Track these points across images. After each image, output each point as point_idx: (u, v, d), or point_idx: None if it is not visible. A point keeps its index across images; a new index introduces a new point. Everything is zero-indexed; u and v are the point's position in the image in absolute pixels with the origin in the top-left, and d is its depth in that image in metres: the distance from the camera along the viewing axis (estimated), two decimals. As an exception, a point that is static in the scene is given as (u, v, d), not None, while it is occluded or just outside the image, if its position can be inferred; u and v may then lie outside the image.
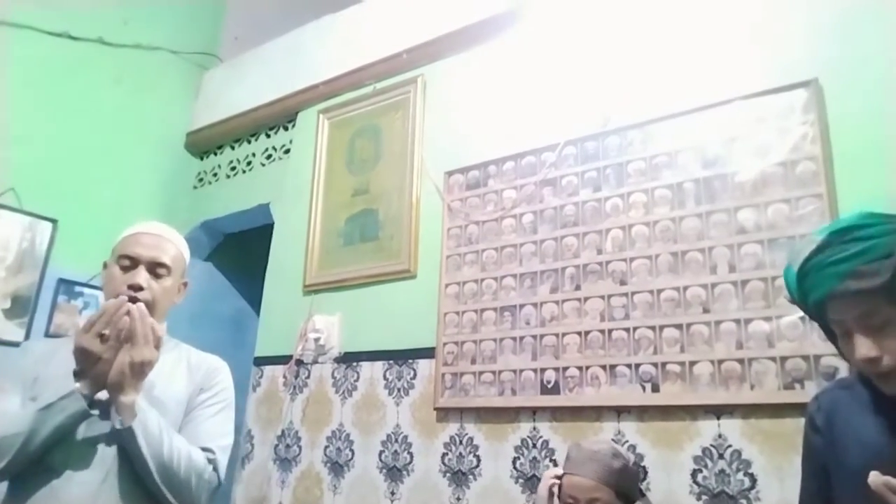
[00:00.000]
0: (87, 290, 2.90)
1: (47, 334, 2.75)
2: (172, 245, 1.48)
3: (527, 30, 2.40)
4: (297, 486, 2.45)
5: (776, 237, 1.72)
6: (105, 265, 1.47)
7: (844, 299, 0.97)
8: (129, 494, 1.27)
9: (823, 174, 1.68)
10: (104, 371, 1.24)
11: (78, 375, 1.25)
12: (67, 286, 2.86)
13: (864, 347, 0.96)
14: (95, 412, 1.26)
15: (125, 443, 1.26)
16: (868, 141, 1.66)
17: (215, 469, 1.36)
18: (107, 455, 1.27)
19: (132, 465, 1.27)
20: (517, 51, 2.40)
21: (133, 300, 1.33)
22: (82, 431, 1.27)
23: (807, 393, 1.52)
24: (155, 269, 1.42)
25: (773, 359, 1.65)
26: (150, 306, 1.37)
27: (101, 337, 1.25)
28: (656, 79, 2.05)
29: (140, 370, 1.27)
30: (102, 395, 1.27)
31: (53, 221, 2.85)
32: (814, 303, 1.02)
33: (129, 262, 1.41)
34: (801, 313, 1.58)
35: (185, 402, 1.41)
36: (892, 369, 0.95)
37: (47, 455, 1.24)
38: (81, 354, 1.25)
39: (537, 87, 2.31)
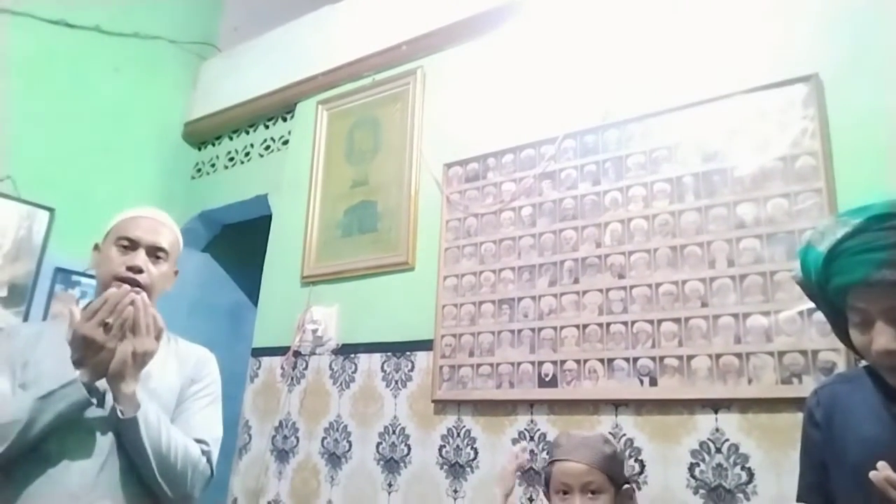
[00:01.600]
0: (83, 280, 2.89)
1: (44, 323, 2.75)
2: (170, 231, 1.48)
3: (527, 22, 2.38)
4: (294, 477, 2.46)
5: (775, 232, 1.71)
6: (96, 247, 1.45)
7: (877, 288, 0.94)
8: (126, 483, 1.27)
9: (823, 169, 1.68)
10: (105, 360, 1.23)
11: (78, 364, 1.24)
12: (64, 275, 2.86)
13: (887, 338, 0.94)
14: (94, 401, 1.25)
15: (126, 433, 1.25)
16: (867, 136, 1.66)
17: (209, 461, 1.37)
18: (104, 444, 1.27)
19: (128, 454, 1.27)
20: (517, 43, 2.39)
21: (131, 283, 1.33)
22: (79, 420, 1.26)
23: (804, 388, 1.52)
24: (155, 252, 1.42)
25: (771, 353, 1.65)
26: (148, 291, 1.37)
27: (105, 326, 1.24)
28: (656, 72, 2.05)
29: (141, 361, 1.27)
30: (101, 384, 1.26)
31: (51, 210, 2.84)
32: (837, 287, 0.99)
33: (129, 244, 1.40)
34: (800, 308, 1.61)
35: (177, 392, 1.41)
36: None
37: (43, 443, 1.23)
38: (83, 342, 1.23)
39: (537, 79, 2.30)
